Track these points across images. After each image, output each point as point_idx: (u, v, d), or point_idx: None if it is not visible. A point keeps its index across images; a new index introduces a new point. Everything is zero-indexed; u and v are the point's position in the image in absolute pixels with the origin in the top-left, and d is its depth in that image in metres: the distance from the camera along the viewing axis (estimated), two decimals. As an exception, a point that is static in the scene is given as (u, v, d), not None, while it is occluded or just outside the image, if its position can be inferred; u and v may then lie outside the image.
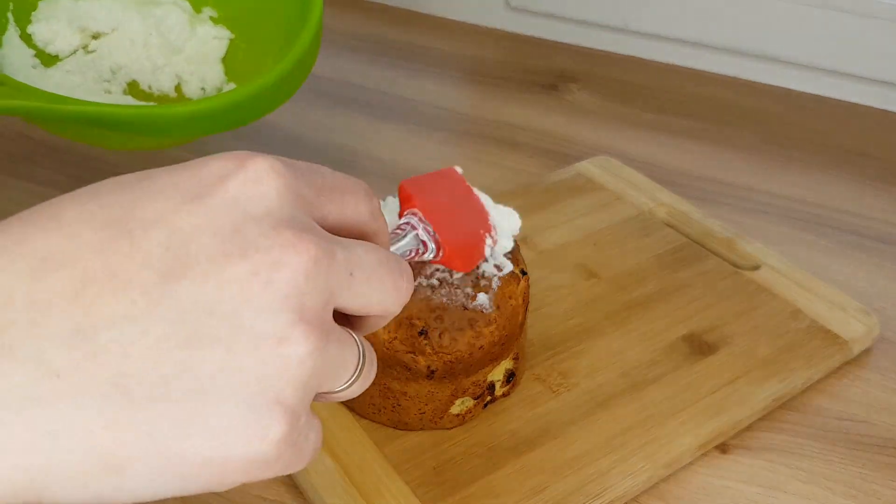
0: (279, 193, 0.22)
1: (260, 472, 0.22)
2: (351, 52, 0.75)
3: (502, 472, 0.38)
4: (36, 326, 0.19)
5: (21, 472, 0.19)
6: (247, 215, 0.21)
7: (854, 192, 0.60)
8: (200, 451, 0.21)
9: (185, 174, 0.22)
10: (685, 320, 0.47)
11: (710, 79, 0.74)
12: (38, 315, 0.19)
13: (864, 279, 0.52)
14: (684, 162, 0.63)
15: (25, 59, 0.55)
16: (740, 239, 0.52)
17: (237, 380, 0.21)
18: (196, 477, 0.21)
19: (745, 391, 0.42)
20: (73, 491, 0.20)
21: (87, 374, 0.20)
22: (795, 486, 0.40)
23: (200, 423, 0.20)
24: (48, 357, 0.19)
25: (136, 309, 0.20)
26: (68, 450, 0.20)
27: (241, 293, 0.21)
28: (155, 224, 0.21)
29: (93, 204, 0.21)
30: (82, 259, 0.20)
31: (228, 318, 0.21)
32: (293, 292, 0.21)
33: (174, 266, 0.20)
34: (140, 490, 0.21)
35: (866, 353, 0.47)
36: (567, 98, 0.70)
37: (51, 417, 0.19)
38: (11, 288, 0.19)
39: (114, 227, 0.21)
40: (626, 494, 0.38)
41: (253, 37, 0.59)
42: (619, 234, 0.53)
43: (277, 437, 0.21)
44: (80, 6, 0.58)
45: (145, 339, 0.20)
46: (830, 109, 0.70)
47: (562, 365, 0.44)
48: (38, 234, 0.20)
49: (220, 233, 0.21)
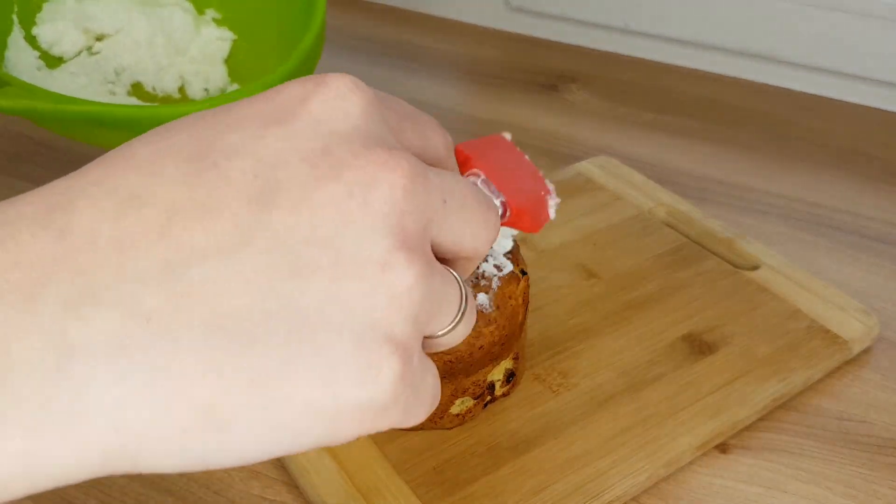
0: (363, 110, 0.21)
1: (377, 420, 0.20)
2: (350, 52, 0.75)
3: (502, 472, 0.38)
4: (122, 267, 0.18)
5: (112, 434, 0.17)
6: (333, 134, 0.20)
7: (854, 192, 0.60)
8: (309, 395, 0.19)
9: (261, 102, 0.21)
10: (685, 320, 0.47)
11: (710, 79, 0.74)
12: (123, 255, 0.18)
13: (864, 279, 0.52)
14: (684, 162, 0.63)
15: (30, 60, 0.56)
16: (740, 239, 0.52)
17: (343, 313, 0.19)
18: (307, 429, 0.19)
19: (744, 391, 0.42)
20: (170, 454, 0.18)
21: (181, 316, 0.18)
22: (795, 485, 0.40)
23: (307, 364, 0.19)
24: (137, 299, 0.18)
25: (228, 241, 0.18)
26: (164, 404, 0.18)
27: (338, 217, 0.19)
28: (238, 153, 0.19)
29: (170, 139, 0.20)
30: (166, 193, 0.18)
31: (327, 245, 0.19)
32: (392, 212, 0.19)
33: (264, 194, 0.19)
34: (246, 449, 0.19)
35: (866, 353, 0.47)
36: (567, 98, 0.70)
37: (143, 368, 0.17)
38: (93, 229, 0.18)
39: (196, 159, 0.19)
40: (625, 494, 0.38)
41: (256, 38, 0.59)
42: (619, 234, 0.53)
43: (392, 377, 0.19)
44: (85, 7, 0.58)
45: (241, 273, 0.18)
46: (831, 109, 0.70)
47: (562, 365, 0.44)
48: (117, 173, 0.19)
49: (309, 155, 0.19)
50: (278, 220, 0.19)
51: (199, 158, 0.19)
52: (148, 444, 0.18)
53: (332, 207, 0.19)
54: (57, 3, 0.57)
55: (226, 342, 0.18)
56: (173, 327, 0.18)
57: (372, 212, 0.19)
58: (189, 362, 0.18)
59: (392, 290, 0.19)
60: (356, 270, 0.19)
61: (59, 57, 0.57)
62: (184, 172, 0.19)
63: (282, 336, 0.18)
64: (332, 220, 0.19)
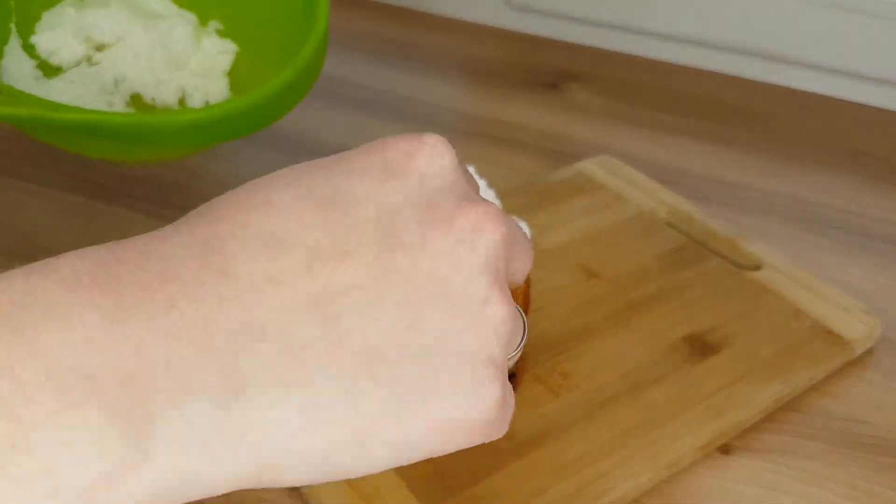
0: (454, 166, 0.24)
1: (481, 434, 0.22)
2: (350, 51, 0.75)
3: (503, 474, 0.38)
4: (280, 303, 0.20)
5: (269, 451, 0.19)
6: (437, 190, 0.23)
7: (857, 192, 0.60)
8: (434, 414, 0.21)
9: (376, 154, 0.23)
10: (686, 321, 0.47)
11: (712, 78, 0.73)
12: (280, 292, 0.20)
13: (867, 279, 0.52)
14: (686, 161, 0.63)
15: (27, 69, 0.55)
16: (742, 239, 0.52)
17: (457, 343, 0.22)
18: (426, 444, 0.21)
19: (746, 392, 0.42)
20: (313, 468, 0.20)
21: (334, 345, 0.20)
22: (797, 487, 0.39)
23: (432, 387, 0.21)
24: (296, 330, 0.20)
25: (364, 279, 0.21)
26: (317, 425, 0.20)
27: (451, 260, 0.22)
28: (364, 202, 0.22)
29: (301, 186, 0.22)
30: (308, 237, 0.21)
31: (442, 285, 0.22)
32: (492, 255, 0.23)
33: (388, 239, 0.22)
34: (374, 462, 0.21)
35: (868, 354, 0.46)
36: (568, 97, 0.70)
37: (299, 393, 0.19)
38: (250, 269, 0.20)
39: (328, 206, 0.21)
40: (627, 495, 0.38)
41: (259, 51, 0.59)
42: (620, 234, 0.53)
43: (497, 396, 0.22)
44: (85, 16, 0.58)
45: (378, 308, 0.21)
46: (834, 108, 0.70)
47: (562, 366, 0.44)
48: (260, 218, 0.21)
49: (419, 206, 0.22)
50: (401, 262, 0.21)
51: (332, 204, 0.22)
52: (296, 459, 0.20)
53: (445, 252, 0.22)
54: (56, 11, 0.57)
55: (370, 369, 0.20)
56: (325, 356, 0.20)
57: (477, 255, 0.22)
58: (339, 389, 0.20)
59: (492, 322, 0.22)
60: (465, 306, 0.22)
61: (58, 66, 0.56)
62: (319, 218, 0.21)
63: (412, 363, 0.21)
64: (447, 264, 0.22)
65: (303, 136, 0.63)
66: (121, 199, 0.55)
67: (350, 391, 0.20)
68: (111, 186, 0.56)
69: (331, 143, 0.62)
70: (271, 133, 0.63)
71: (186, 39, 0.58)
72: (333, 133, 0.64)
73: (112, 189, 0.56)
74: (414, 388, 0.21)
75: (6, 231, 0.51)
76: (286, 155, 0.60)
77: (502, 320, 0.22)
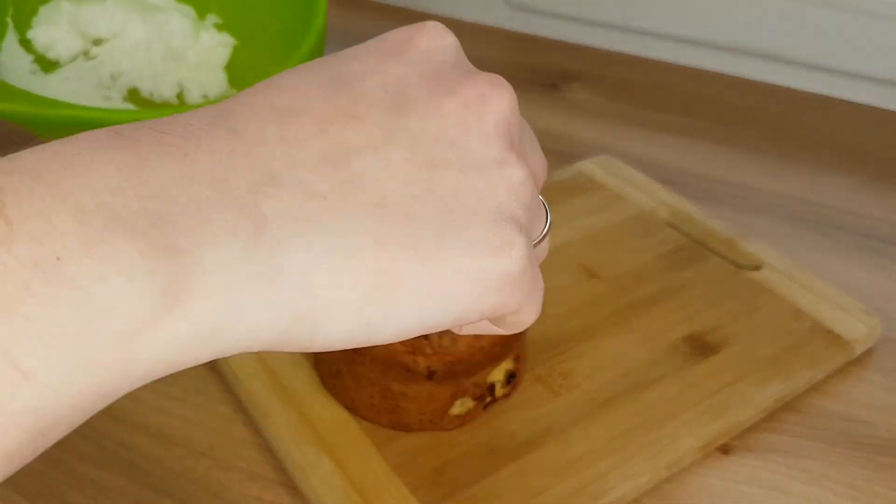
0: (457, 47, 0.25)
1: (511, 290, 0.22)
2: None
3: (503, 474, 0.38)
4: (292, 158, 0.20)
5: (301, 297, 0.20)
6: (443, 63, 0.24)
7: (856, 192, 0.60)
8: (460, 264, 0.21)
9: (374, 43, 0.24)
10: (686, 321, 0.46)
11: (712, 78, 0.73)
12: (291, 148, 0.21)
13: (867, 279, 0.52)
14: (686, 161, 0.63)
15: (24, 64, 0.55)
16: (742, 239, 0.52)
17: (475, 198, 0.22)
18: (458, 295, 0.22)
19: (746, 392, 0.42)
20: (346, 319, 0.20)
21: (352, 196, 0.21)
22: (797, 487, 0.39)
23: (455, 239, 0.21)
24: (312, 182, 0.20)
25: (375, 138, 0.21)
26: (344, 270, 0.20)
27: (460, 123, 0.23)
28: (368, 75, 0.23)
29: (305, 72, 0.23)
30: (316, 106, 0.21)
31: (454, 145, 0.22)
32: (502, 121, 0.23)
33: (396, 104, 0.22)
34: (407, 317, 0.21)
35: (868, 354, 0.46)
36: (568, 97, 0.70)
37: (325, 239, 0.20)
38: (261, 131, 0.20)
39: (333, 82, 0.22)
40: (627, 496, 0.38)
41: (257, 44, 0.59)
42: (620, 234, 0.53)
43: (522, 251, 0.22)
44: (82, 11, 0.57)
45: (391, 164, 0.21)
46: (833, 108, 0.70)
47: (563, 366, 0.44)
48: (268, 96, 0.22)
49: (425, 76, 0.23)
50: (412, 123, 0.22)
51: (336, 80, 0.22)
52: (330, 308, 0.20)
53: (454, 115, 0.23)
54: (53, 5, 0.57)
55: (389, 217, 0.21)
56: (345, 205, 0.20)
57: (486, 119, 0.23)
58: (362, 233, 0.20)
59: (509, 182, 0.23)
60: (480, 165, 0.23)
61: (55, 61, 0.56)
62: (326, 92, 0.22)
63: (430, 214, 0.21)
64: (456, 126, 0.23)
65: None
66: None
67: (374, 235, 0.20)
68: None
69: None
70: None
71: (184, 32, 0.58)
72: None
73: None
74: (437, 238, 0.21)
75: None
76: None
77: (520, 181, 0.23)
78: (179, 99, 0.58)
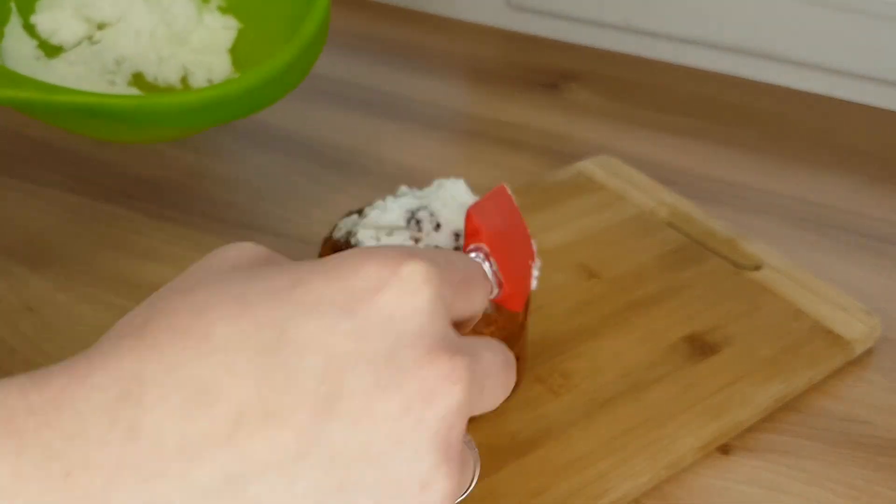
0: (431, 307, 0.21)
1: None
2: (350, 51, 0.75)
3: (503, 474, 0.38)
4: (185, 478, 0.19)
5: None
6: (401, 337, 0.21)
7: (857, 192, 0.60)
8: None
9: (338, 283, 0.21)
10: (687, 321, 0.46)
11: (712, 77, 0.73)
12: (188, 464, 0.19)
13: (867, 279, 0.52)
14: (686, 161, 0.63)
15: (28, 50, 0.54)
16: (742, 239, 0.52)
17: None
18: None
19: (746, 392, 0.42)
20: None
21: None
22: (797, 487, 0.39)
23: None
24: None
25: (287, 454, 0.19)
26: None
27: (392, 434, 0.20)
28: (310, 349, 0.20)
29: (246, 321, 0.20)
30: (237, 392, 0.19)
31: (375, 463, 0.20)
32: (442, 428, 0.21)
33: (328, 400, 0.20)
34: None
35: (868, 354, 0.46)
36: (568, 97, 0.70)
37: None
38: (162, 430, 0.19)
39: (269, 353, 0.20)
40: (627, 496, 0.38)
41: (261, 27, 0.58)
42: (620, 234, 0.53)
43: None
44: None
45: (293, 490, 0.19)
46: (834, 108, 0.70)
47: (563, 366, 0.44)
48: (192, 358, 0.19)
49: (375, 360, 0.20)
50: (336, 431, 0.20)
51: (273, 352, 0.20)
52: None
53: (388, 423, 0.20)
54: None
55: None
56: None
57: (423, 430, 0.20)
58: None
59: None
60: (399, 488, 0.20)
61: (59, 46, 0.56)
62: (255, 369, 0.19)
63: None
64: (386, 437, 0.20)
65: (303, 137, 0.63)
66: (121, 199, 0.55)
67: None
68: (111, 186, 0.56)
69: (330, 143, 0.62)
70: (271, 133, 0.63)
71: (188, 14, 0.58)
72: (333, 133, 0.63)
73: (112, 189, 0.56)
74: None
75: (6, 231, 0.51)
76: (286, 155, 0.59)
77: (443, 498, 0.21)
78: (184, 83, 0.57)
